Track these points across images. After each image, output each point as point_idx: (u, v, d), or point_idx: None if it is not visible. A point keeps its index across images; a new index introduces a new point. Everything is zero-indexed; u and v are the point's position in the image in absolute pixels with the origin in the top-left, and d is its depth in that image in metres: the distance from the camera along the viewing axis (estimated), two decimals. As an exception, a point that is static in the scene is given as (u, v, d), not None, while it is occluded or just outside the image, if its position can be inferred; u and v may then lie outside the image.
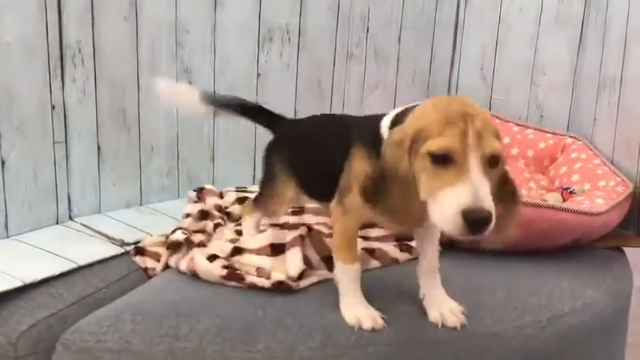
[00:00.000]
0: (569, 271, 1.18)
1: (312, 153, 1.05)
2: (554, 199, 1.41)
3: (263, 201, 1.13)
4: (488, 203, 0.74)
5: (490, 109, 1.80)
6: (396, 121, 0.86)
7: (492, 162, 0.78)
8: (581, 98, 1.69)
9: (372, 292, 1.04)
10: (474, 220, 0.73)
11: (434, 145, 0.77)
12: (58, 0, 1.21)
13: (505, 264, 1.18)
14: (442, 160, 0.77)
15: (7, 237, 1.22)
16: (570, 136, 1.64)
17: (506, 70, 1.79)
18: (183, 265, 1.09)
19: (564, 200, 1.41)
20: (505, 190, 0.85)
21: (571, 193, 1.44)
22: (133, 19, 1.33)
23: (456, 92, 1.88)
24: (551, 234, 1.20)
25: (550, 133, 1.67)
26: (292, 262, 1.06)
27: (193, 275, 1.08)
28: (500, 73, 1.80)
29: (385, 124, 0.89)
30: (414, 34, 1.79)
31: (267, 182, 1.12)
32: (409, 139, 0.80)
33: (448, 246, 1.23)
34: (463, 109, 0.79)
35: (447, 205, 0.75)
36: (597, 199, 1.31)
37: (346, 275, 0.95)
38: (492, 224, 0.75)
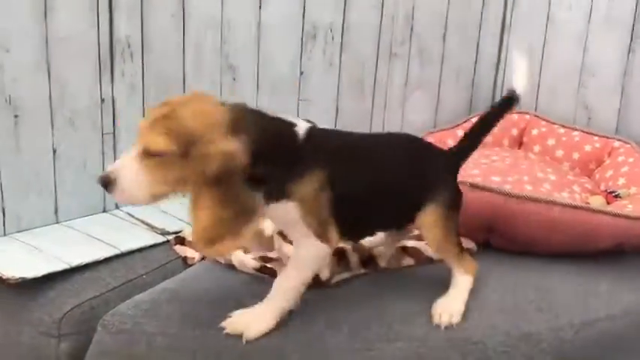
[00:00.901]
0: (609, 276, 1.15)
1: None
2: (597, 202, 1.38)
3: None
4: (111, 169, 0.85)
5: (536, 110, 1.78)
6: None
7: (148, 153, 0.84)
8: (631, 101, 1.65)
9: (404, 290, 1.05)
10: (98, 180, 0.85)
11: None
12: (109, -3, 1.27)
13: (542, 266, 1.16)
14: None
15: (57, 222, 1.27)
16: (618, 139, 1.60)
17: (554, 70, 1.75)
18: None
19: (608, 203, 1.38)
20: None
21: (615, 196, 1.40)
22: (180, 16, 1.38)
23: (501, 93, 1.85)
24: (590, 237, 1.17)
25: (597, 135, 1.64)
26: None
27: (229, 266, 1.11)
28: (547, 74, 1.77)
29: None
30: (459, 33, 1.77)
31: None
32: None
33: (484, 245, 1.23)
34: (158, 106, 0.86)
35: None
36: (642, 203, 1.28)
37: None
38: (112, 186, 0.84)
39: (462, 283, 1.00)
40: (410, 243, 1.17)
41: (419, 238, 1.20)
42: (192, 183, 0.83)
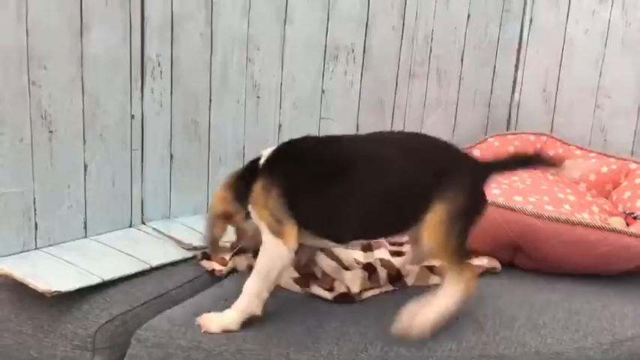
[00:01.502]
0: (634, 297, 1.16)
1: None
2: (617, 223, 1.40)
3: None
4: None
5: (552, 131, 1.80)
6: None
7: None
8: (647, 123, 1.67)
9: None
10: None
11: None
12: (141, 16, 1.29)
13: (566, 286, 1.18)
14: None
15: (86, 237, 1.29)
16: (634, 161, 1.62)
17: (570, 92, 1.78)
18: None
19: (628, 225, 1.40)
20: None
21: (635, 218, 1.42)
22: (209, 35, 1.40)
23: (517, 114, 1.88)
24: (614, 258, 1.19)
25: (614, 157, 1.66)
26: (355, 277, 1.09)
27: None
28: (564, 96, 1.80)
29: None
30: (477, 55, 1.81)
31: None
32: None
33: (508, 265, 1.24)
34: None
35: None
36: (663, 225, 1.30)
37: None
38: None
39: (447, 293, 0.95)
40: (437, 262, 1.18)
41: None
42: None
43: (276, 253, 0.96)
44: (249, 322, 0.98)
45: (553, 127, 1.82)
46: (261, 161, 1.02)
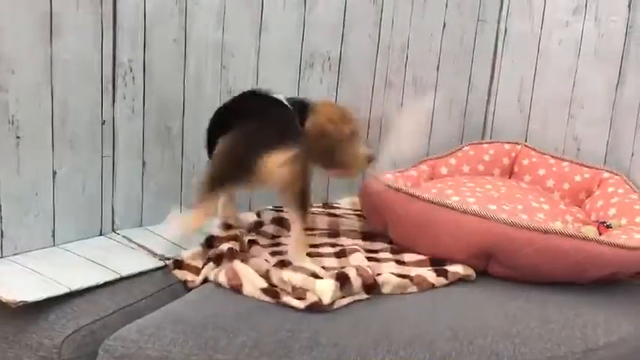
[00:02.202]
0: (605, 305, 1.17)
1: None
2: (590, 232, 1.40)
3: None
4: None
5: (526, 140, 1.81)
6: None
7: None
8: (620, 133, 1.69)
9: (405, 316, 1.05)
10: None
11: None
12: (113, 21, 1.27)
13: (540, 295, 1.18)
14: None
15: (54, 245, 1.26)
16: (607, 171, 1.64)
17: (544, 102, 1.80)
18: (223, 278, 1.12)
19: (600, 234, 1.41)
20: None
21: (607, 227, 1.43)
22: (182, 41, 1.39)
23: (492, 122, 1.89)
24: (587, 266, 1.20)
25: (587, 166, 1.67)
26: (326, 287, 1.07)
27: (232, 288, 1.10)
28: (538, 105, 1.81)
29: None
30: (453, 64, 1.81)
31: None
32: None
33: (481, 273, 1.24)
34: None
35: None
36: (635, 234, 1.31)
37: None
38: None
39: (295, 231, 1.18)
40: (413, 272, 1.18)
41: (421, 264, 1.22)
42: None
43: None
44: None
45: (528, 136, 1.83)
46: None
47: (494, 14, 1.83)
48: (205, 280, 1.18)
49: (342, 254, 1.22)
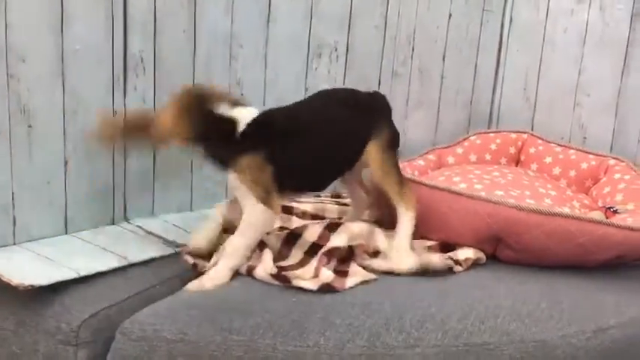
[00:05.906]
0: (614, 287, 1.18)
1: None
2: (597, 217, 1.41)
3: None
4: None
5: (532, 129, 1.82)
6: None
7: None
8: (626, 120, 1.70)
9: (416, 297, 1.07)
10: None
11: None
12: (124, 11, 1.28)
13: (549, 278, 1.19)
14: None
15: (66, 233, 1.27)
16: (613, 158, 1.65)
17: (550, 90, 1.81)
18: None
19: (607, 219, 1.41)
20: None
21: (614, 212, 1.44)
22: (192, 32, 1.40)
23: (499, 112, 1.90)
24: (594, 248, 1.20)
25: (593, 154, 1.68)
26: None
27: (247, 271, 1.12)
28: (543, 94, 1.82)
29: None
30: (458, 54, 1.82)
31: None
32: None
33: (490, 257, 1.25)
34: None
35: None
36: (642, 217, 1.32)
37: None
38: None
39: (403, 220, 1.19)
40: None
41: (431, 250, 1.23)
42: None
43: (262, 218, 1.10)
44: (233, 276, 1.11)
45: (534, 124, 1.84)
46: (239, 129, 1.10)
47: (499, 4, 1.84)
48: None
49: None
